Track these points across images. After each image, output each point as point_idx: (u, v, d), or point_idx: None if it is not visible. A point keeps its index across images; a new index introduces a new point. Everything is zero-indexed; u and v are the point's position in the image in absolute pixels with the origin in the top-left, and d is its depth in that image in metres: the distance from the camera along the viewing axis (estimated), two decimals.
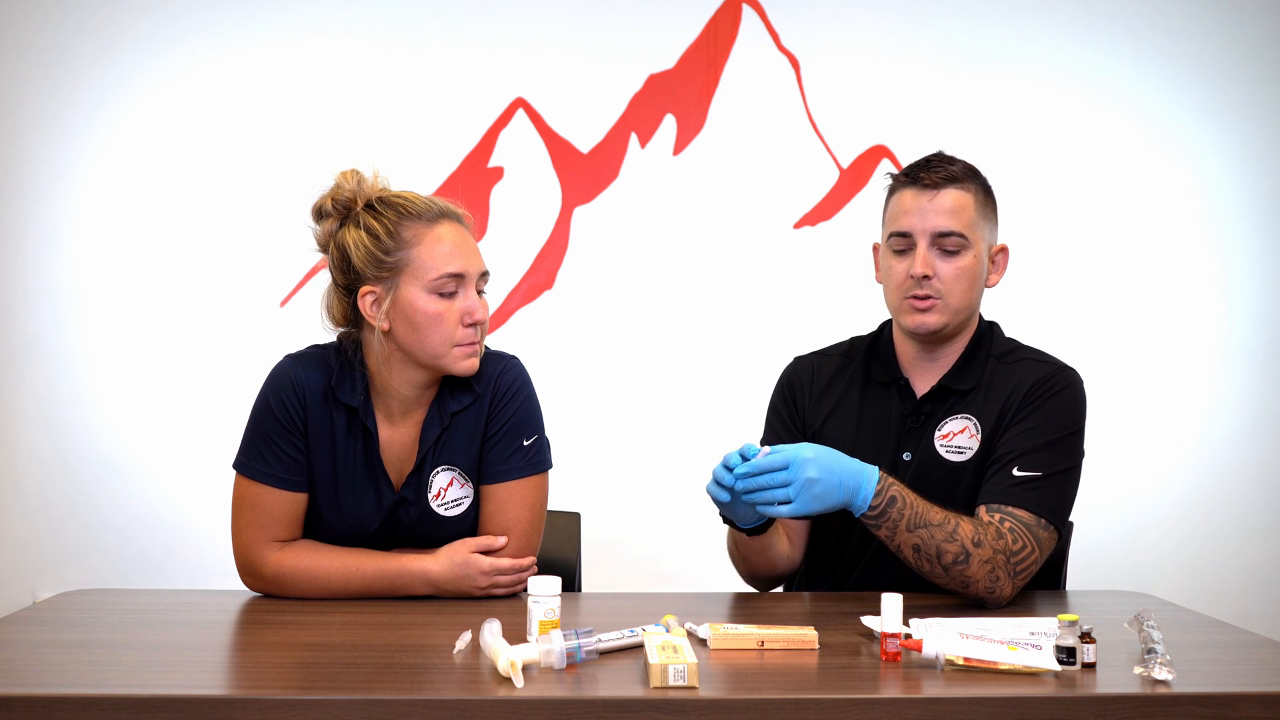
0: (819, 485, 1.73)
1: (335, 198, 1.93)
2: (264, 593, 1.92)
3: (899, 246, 2.00)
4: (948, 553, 1.79)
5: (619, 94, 3.48)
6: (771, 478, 1.73)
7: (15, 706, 1.34)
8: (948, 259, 1.96)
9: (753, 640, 1.57)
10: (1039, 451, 1.91)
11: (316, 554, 1.91)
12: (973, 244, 1.97)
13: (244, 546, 1.93)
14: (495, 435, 1.96)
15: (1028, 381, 1.98)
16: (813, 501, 1.74)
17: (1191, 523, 3.50)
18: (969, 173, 2.01)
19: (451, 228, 1.91)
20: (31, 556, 3.38)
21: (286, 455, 1.93)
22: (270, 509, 1.92)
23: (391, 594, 1.89)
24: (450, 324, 1.88)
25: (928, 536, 1.79)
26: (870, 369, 2.08)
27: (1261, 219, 3.54)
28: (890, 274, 2.01)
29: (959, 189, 1.98)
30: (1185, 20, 3.51)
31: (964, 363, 2.02)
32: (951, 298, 1.97)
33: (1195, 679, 1.44)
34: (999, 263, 2.05)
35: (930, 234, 1.96)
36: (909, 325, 1.99)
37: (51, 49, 3.40)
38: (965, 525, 1.81)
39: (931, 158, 2.03)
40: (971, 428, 1.98)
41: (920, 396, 2.02)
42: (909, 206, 1.99)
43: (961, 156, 2.05)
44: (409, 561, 1.90)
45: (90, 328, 3.42)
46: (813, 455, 1.74)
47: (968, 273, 1.97)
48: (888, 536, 1.81)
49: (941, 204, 1.97)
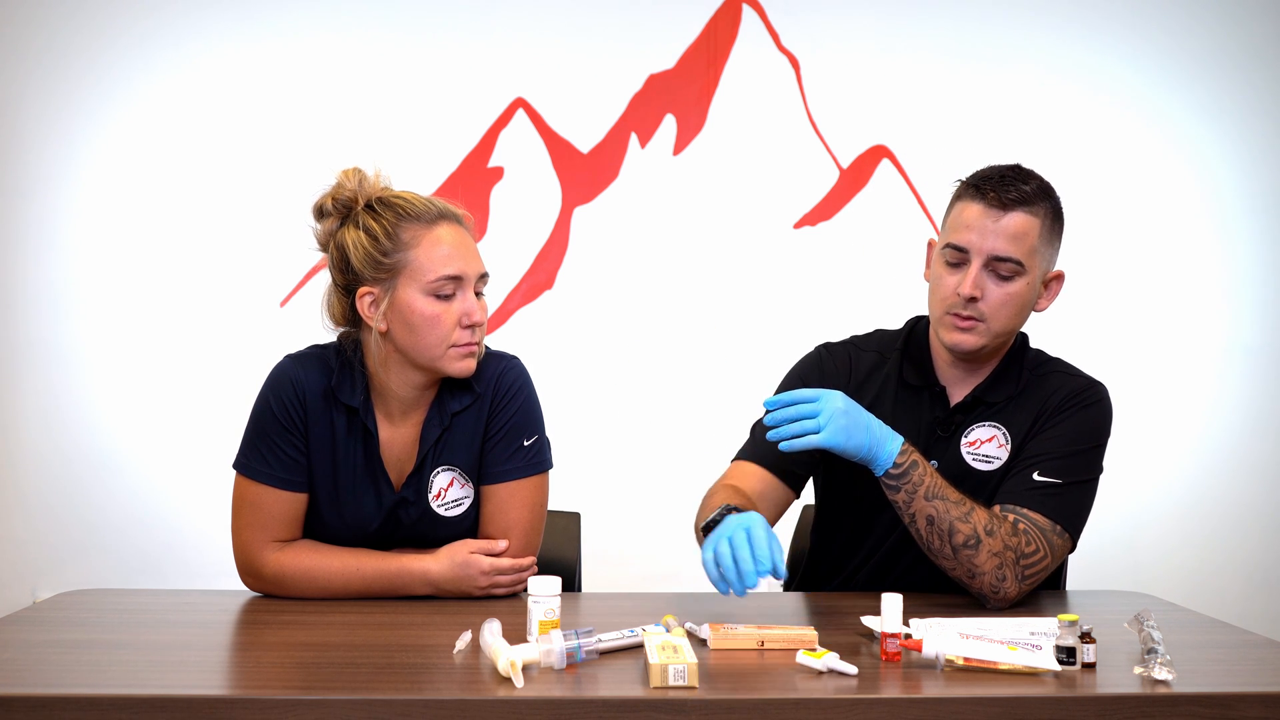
0: (847, 418, 1.75)
1: (336, 196, 1.92)
2: (264, 593, 1.92)
3: (953, 259, 1.91)
4: (960, 532, 1.77)
5: (619, 94, 3.48)
6: (802, 408, 1.74)
7: (15, 706, 1.34)
8: (1000, 283, 1.89)
9: (753, 640, 1.57)
10: (1062, 459, 1.89)
11: (316, 554, 1.91)
12: (1028, 271, 1.89)
13: (244, 546, 1.93)
14: (495, 435, 1.96)
15: (1061, 393, 1.95)
16: (840, 433, 1.75)
17: (1192, 523, 3.50)
18: (1041, 193, 1.92)
19: (450, 229, 1.90)
20: (31, 556, 3.38)
21: (286, 455, 1.93)
22: (270, 509, 1.92)
23: (391, 594, 1.89)
24: (447, 326, 1.88)
25: (943, 509, 1.78)
26: (903, 371, 2.02)
27: (1264, 219, 3.54)
28: (939, 284, 1.94)
29: (1027, 213, 1.89)
30: (1186, 20, 3.51)
31: (999, 375, 1.98)
32: (995, 322, 1.91)
33: (1195, 679, 1.44)
34: (1052, 289, 1.97)
35: (987, 255, 1.88)
36: (947, 341, 1.94)
37: (52, 50, 3.40)
38: (981, 512, 1.80)
39: (1006, 172, 1.93)
40: (1000, 437, 1.95)
41: (954, 405, 1.98)
42: (972, 221, 1.89)
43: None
44: (409, 562, 1.90)
45: (90, 328, 3.42)
46: (843, 404, 1.76)
47: (1016, 299, 1.90)
48: (905, 501, 1.79)
49: (1005, 227, 1.88)
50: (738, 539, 1.65)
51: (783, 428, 1.76)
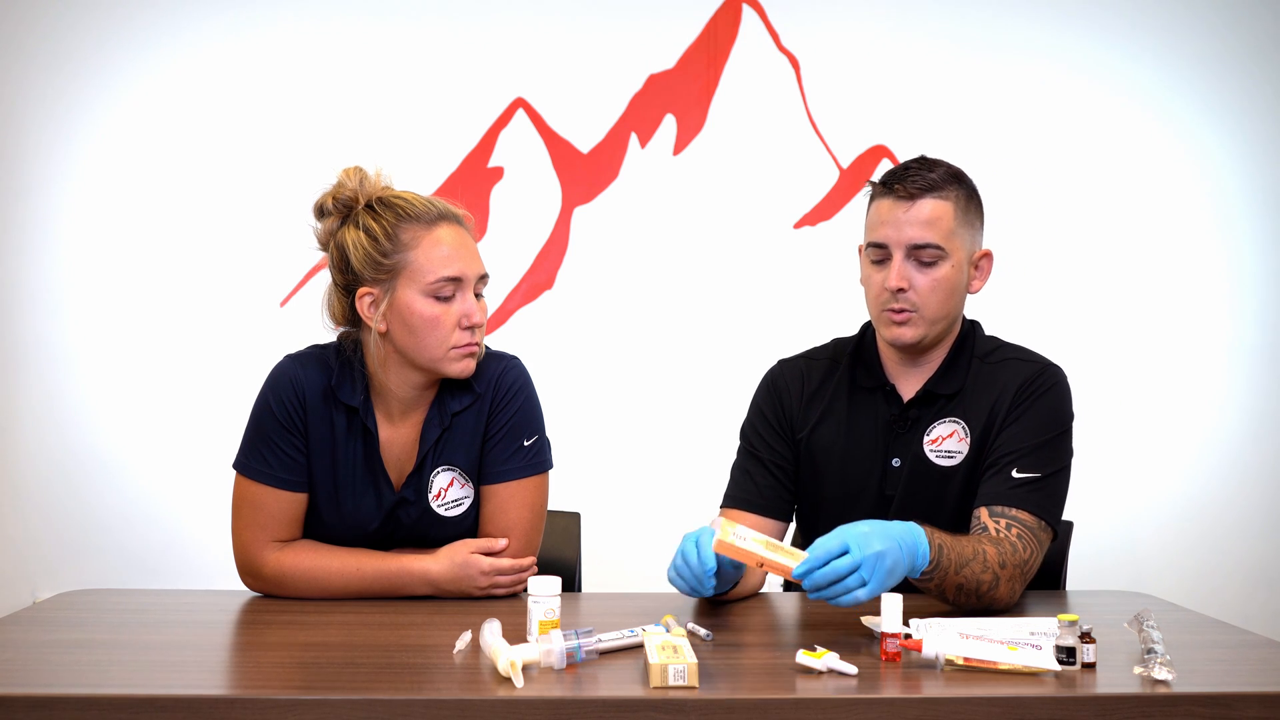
0: (888, 558, 1.59)
1: (336, 196, 1.92)
2: (264, 593, 1.92)
3: (876, 257, 1.96)
4: (984, 583, 1.75)
5: (619, 94, 3.48)
6: (837, 567, 1.57)
7: (15, 706, 1.34)
8: (924, 270, 1.92)
9: (754, 559, 1.59)
10: (1035, 452, 1.90)
11: (316, 554, 1.91)
12: (950, 254, 1.92)
13: (244, 546, 1.93)
14: (496, 435, 1.96)
15: (1015, 382, 1.96)
16: (887, 577, 1.59)
17: (1192, 523, 3.50)
18: (950, 178, 1.94)
19: (450, 230, 1.90)
20: (31, 556, 3.38)
21: (286, 455, 1.93)
22: (270, 509, 1.92)
23: (392, 594, 1.89)
24: (447, 327, 1.88)
25: (970, 575, 1.73)
26: (855, 374, 2.04)
27: (1267, 219, 3.54)
28: (868, 284, 1.99)
29: (936, 198, 1.92)
30: (1189, 18, 3.50)
31: (948, 366, 1.99)
32: (928, 310, 1.93)
33: (1195, 679, 1.44)
34: (983, 268, 2.00)
35: (905, 246, 1.91)
36: (887, 337, 1.97)
37: (51, 48, 3.40)
38: (990, 549, 1.77)
39: (910, 164, 1.96)
40: (960, 431, 1.96)
41: (906, 402, 2.00)
42: (885, 217, 1.94)
43: (948, 159, 1.98)
44: (409, 562, 1.90)
45: (90, 328, 3.42)
46: (867, 529, 1.61)
47: (945, 284, 1.93)
48: (937, 585, 1.73)
49: (917, 215, 1.91)
50: (688, 549, 1.68)
51: (829, 591, 1.58)
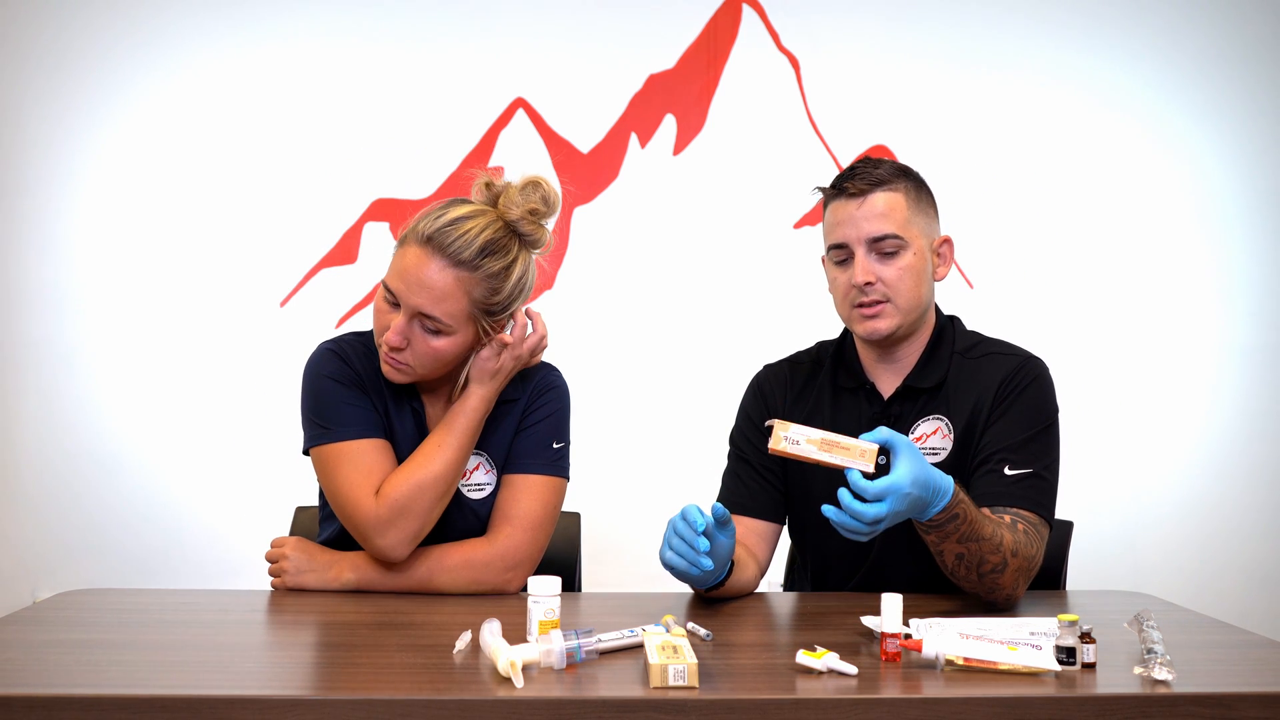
0: (902, 516, 1.64)
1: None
2: (392, 557, 1.85)
3: (839, 258, 1.99)
4: (988, 563, 1.76)
5: (619, 94, 3.48)
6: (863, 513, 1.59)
7: (15, 706, 1.34)
8: (888, 261, 1.95)
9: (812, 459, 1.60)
10: (1025, 447, 1.90)
11: (411, 468, 1.88)
12: (910, 242, 1.95)
13: (354, 505, 1.86)
14: (528, 429, 2.00)
15: (997, 377, 1.97)
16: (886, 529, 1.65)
17: (1192, 523, 3.50)
18: (896, 173, 1.98)
19: (417, 255, 1.86)
20: (31, 556, 3.38)
21: (360, 409, 1.92)
22: (365, 459, 1.88)
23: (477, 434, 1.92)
24: (379, 329, 1.90)
25: (975, 550, 1.74)
26: (837, 376, 2.07)
27: (1259, 220, 3.55)
28: (836, 286, 2.01)
29: (886, 191, 1.95)
30: (1183, 22, 3.51)
31: (926, 360, 2.01)
32: (899, 299, 1.95)
33: (1195, 679, 1.44)
34: (945, 254, 2.03)
35: (865, 240, 1.95)
36: (861, 333, 1.99)
37: (53, 51, 3.41)
38: (1007, 536, 1.77)
39: (856, 165, 2.00)
40: (944, 428, 1.97)
41: (887, 398, 2.01)
42: (841, 217, 1.97)
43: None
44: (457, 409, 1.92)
45: (91, 328, 3.42)
46: (912, 494, 1.62)
47: (911, 272, 1.95)
48: (934, 542, 1.75)
49: (871, 209, 1.95)
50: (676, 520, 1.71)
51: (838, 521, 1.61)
